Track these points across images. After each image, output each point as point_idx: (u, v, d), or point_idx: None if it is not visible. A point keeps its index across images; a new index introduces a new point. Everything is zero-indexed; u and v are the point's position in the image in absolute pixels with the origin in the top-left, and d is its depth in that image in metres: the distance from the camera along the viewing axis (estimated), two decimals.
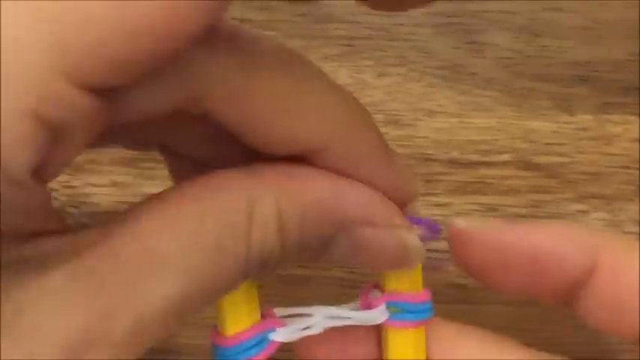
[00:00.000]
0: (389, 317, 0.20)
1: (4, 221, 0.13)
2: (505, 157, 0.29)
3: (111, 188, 0.27)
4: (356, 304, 0.20)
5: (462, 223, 0.20)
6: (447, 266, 0.27)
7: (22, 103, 0.12)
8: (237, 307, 0.18)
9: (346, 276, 0.28)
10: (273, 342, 0.18)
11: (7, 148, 0.12)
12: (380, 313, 0.20)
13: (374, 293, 0.20)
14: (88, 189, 0.27)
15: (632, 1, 0.31)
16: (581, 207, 0.29)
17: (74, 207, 0.27)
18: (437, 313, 0.21)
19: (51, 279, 0.14)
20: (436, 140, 0.30)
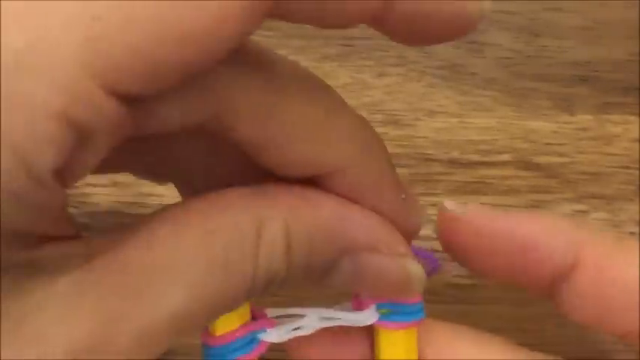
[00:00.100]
0: (380, 318, 0.20)
1: (21, 219, 0.13)
2: (505, 157, 0.29)
3: (111, 188, 0.27)
4: (349, 305, 0.20)
5: (450, 205, 0.20)
6: (442, 268, 0.27)
7: (53, 102, 0.12)
8: None
9: None
10: (263, 342, 0.18)
11: (34, 145, 0.12)
12: (370, 315, 0.20)
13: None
14: (88, 189, 0.27)
15: (632, 1, 0.31)
16: (581, 207, 0.29)
17: (74, 207, 0.27)
18: (437, 314, 0.21)
19: (58, 284, 0.14)
20: (436, 140, 0.30)
